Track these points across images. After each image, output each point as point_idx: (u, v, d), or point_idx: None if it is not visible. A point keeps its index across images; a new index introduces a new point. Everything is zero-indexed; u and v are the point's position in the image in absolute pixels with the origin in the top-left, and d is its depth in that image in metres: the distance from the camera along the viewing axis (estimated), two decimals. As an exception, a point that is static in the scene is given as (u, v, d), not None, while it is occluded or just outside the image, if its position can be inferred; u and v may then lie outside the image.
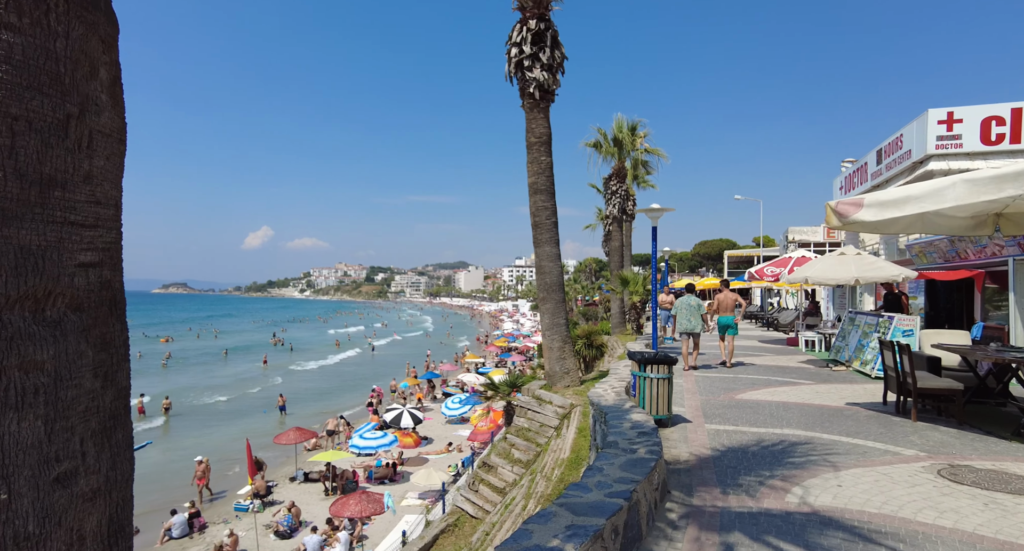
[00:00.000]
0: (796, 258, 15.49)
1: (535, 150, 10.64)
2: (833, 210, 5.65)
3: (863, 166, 15.85)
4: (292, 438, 19.94)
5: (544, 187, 10.63)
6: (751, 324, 27.42)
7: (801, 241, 31.80)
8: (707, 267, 74.80)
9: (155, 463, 21.63)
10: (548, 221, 10.67)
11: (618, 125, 25.32)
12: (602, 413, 5.34)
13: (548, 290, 10.66)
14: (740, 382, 9.20)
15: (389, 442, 20.13)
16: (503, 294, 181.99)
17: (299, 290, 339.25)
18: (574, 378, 10.45)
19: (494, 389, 13.11)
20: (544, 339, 10.71)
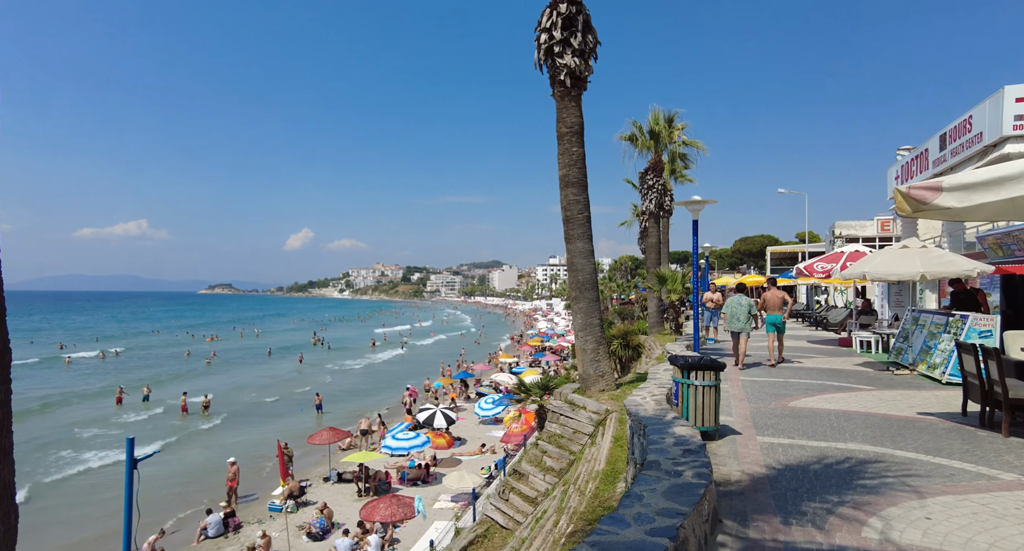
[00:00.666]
0: (849, 253, 14.43)
1: (566, 141, 10.09)
2: (906, 196, 4.93)
3: (923, 153, 14.66)
4: (326, 438, 19.93)
5: (576, 180, 10.07)
6: (797, 323, 26.10)
7: (849, 236, 30.20)
8: (748, 264, 72.41)
9: (193, 462, 22.02)
10: (580, 215, 10.11)
11: (654, 117, 24.43)
12: (641, 425, 4.78)
13: (581, 288, 10.10)
14: (792, 387, 8.44)
15: (421, 443, 19.90)
16: (537, 293, 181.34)
17: (338, 290, 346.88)
18: (609, 382, 9.86)
19: (525, 391, 12.60)
20: (577, 340, 10.15)
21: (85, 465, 21.60)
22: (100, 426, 27.49)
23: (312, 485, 19.58)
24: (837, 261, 14.38)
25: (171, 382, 39.23)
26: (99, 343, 65.03)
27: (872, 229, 29.31)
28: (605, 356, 10.04)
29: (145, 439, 24.67)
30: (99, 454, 22.81)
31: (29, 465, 20.94)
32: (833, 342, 15.45)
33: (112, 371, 44.15)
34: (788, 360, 11.90)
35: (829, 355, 12.67)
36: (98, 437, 25.72)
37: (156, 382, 37.84)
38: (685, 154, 27.18)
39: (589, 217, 10.30)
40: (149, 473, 20.06)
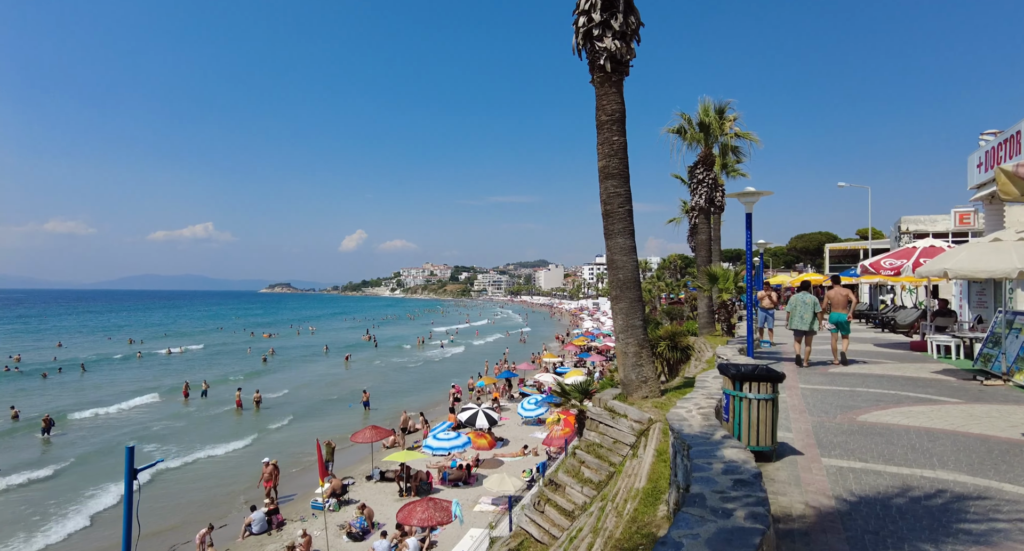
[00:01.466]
0: (923, 248, 13.08)
1: (606, 130, 9.44)
2: (1012, 175, 4.10)
3: (1015, 135, 13.10)
4: (368, 436, 19.97)
5: (617, 171, 9.41)
6: (861, 324, 24.32)
7: (917, 232, 27.92)
8: (805, 263, 68.92)
9: (242, 458, 22.54)
10: (621, 209, 9.44)
11: (704, 108, 23.25)
12: (685, 446, 4.17)
13: (622, 287, 9.43)
14: (860, 397, 7.52)
15: (462, 444, 19.62)
16: (583, 292, 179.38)
17: (390, 289, 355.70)
18: (653, 388, 9.15)
19: (564, 394, 12.03)
20: (618, 343, 9.49)
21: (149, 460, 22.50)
22: (169, 419, 28.76)
23: (355, 483, 19.65)
24: (909, 257, 13.05)
25: (231, 378, 40.72)
26: (167, 339, 68.67)
27: (945, 224, 27.00)
28: (648, 360, 9.34)
29: (205, 434, 25.64)
30: (160, 447, 23.73)
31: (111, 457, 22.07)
32: (903, 346, 14.10)
33: (178, 367, 46.28)
34: (853, 361, 11.49)
35: (900, 360, 11.48)
36: (165, 429, 26.91)
37: (216, 378, 39.42)
38: (737, 147, 25.79)
39: (631, 211, 9.62)
40: (200, 469, 20.78)
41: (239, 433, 25.93)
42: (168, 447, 23.63)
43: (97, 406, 30.58)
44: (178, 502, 17.81)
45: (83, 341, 66.06)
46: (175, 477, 20.18)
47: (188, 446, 23.64)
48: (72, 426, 26.98)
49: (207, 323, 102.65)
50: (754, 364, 5.04)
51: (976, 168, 15.68)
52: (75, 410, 29.53)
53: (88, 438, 24.98)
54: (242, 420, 28.92)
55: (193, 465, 21.56)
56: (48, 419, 25.35)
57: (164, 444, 24.06)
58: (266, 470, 17.13)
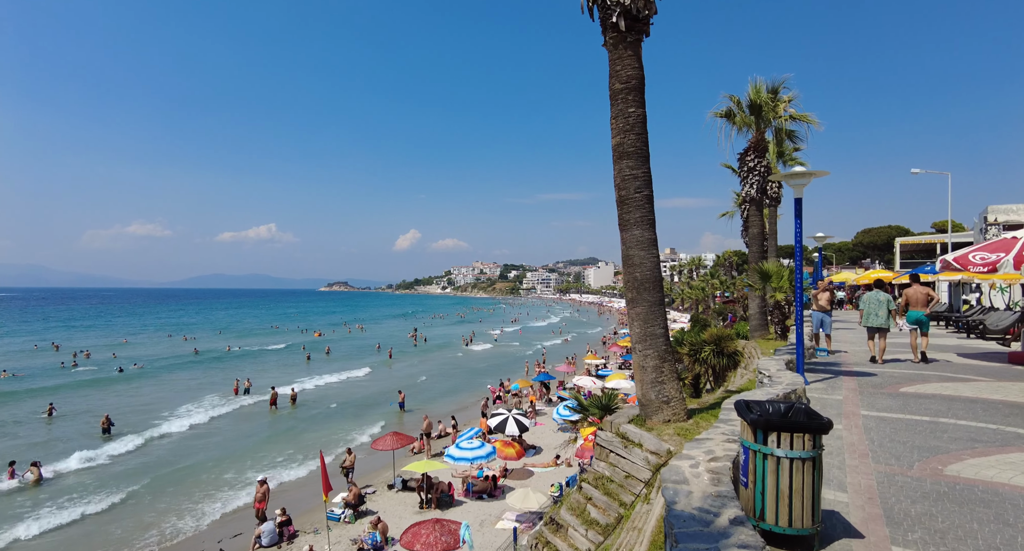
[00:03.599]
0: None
1: (621, 100, 7.92)
2: None
3: None
4: (389, 444, 19.08)
5: (634, 149, 7.87)
6: (939, 328, 21.45)
7: (1009, 223, 24.48)
8: (872, 258, 63.82)
9: (270, 460, 22.19)
10: (639, 195, 7.89)
11: (755, 89, 20.99)
12: (672, 530, 2.72)
13: (639, 288, 7.89)
14: (947, 433, 5.71)
15: (486, 454, 18.36)
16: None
17: (441, 287, 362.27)
18: (677, 410, 7.56)
19: (582, 410, 10.56)
20: (635, 356, 7.95)
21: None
22: (208, 409, 29.12)
23: (376, 492, 18.81)
24: (1008, 250, 10.72)
25: (275, 374, 41.27)
26: (221, 336, 71.24)
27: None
28: (671, 377, 7.75)
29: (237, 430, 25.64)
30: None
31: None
32: (997, 357, 11.75)
33: (229, 364, 47.45)
34: (934, 360, 11.39)
35: (997, 377, 9.33)
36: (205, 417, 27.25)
37: (260, 375, 40.04)
38: (793, 131, 23.25)
39: (650, 197, 8.05)
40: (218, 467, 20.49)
41: (265, 433, 25.79)
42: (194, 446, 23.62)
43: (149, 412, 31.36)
44: (191, 507, 17.43)
45: (146, 340, 69.31)
46: (189, 476, 19.97)
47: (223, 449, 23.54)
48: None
49: (264, 320, 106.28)
50: (788, 403, 3.48)
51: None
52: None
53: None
54: (275, 419, 28.82)
55: (216, 465, 21.31)
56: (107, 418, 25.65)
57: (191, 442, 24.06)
58: (259, 490, 16.06)
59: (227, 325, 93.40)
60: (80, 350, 52.35)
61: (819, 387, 8.44)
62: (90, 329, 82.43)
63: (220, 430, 26.52)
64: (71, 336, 70.26)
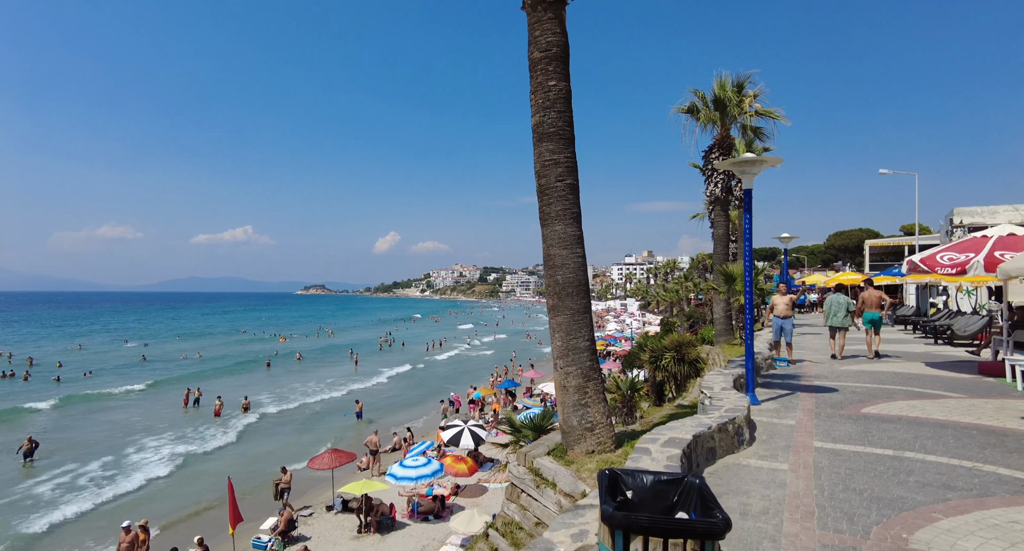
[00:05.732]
0: (998, 237, 9.84)
1: (540, 72, 6.73)
2: None
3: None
4: (328, 462, 17.59)
5: (555, 129, 6.69)
6: (907, 332, 20.71)
7: (973, 225, 24.05)
8: (844, 261, 64.12)
9: (206, 474, 20.49)
10: (560, 183, 6.71)
11: (720, 84, 20.05)
12: None
13: (560, 293, 6.70)
14: (914, 473, 4.60)
15: (432, 472, 16.99)
16: (611, 293, 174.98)
17: (420, 290, 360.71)
18: (603, 437, 6.37)
19: (514, 432, 9.32)
20: (556, 373, 6.74)
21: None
22: (152, 430, 27.09)
23: (314, 514, 17.30)
24: (978, 250, 9.82)
25: (233, 382, 39.32)
26: (180, 342, 68.46)
27: (1008, 215, 23.04)
28: (597, 399, 6.54)
29: (173, 445, 23.69)
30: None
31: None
32: (967, 367, 10.84)
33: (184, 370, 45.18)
34: (886, 356, 12.75)
35: (968, 392, 8.34)
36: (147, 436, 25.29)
37: (215, 383, 38.06)
38: (759, 128, 22.42)
39: (575, 187, 6.85)
40: (148, 490, 18.52)
41: (206, 443, 24.03)
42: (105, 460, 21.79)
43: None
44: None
45: (103, 345, 66.24)
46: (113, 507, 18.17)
47: (131, 462, 21.70)
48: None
49: (233, 324, 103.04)
50: (677, 477, 2.25)
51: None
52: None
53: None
54: (215, 429, 27.00)
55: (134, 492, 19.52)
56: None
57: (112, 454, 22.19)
58: (125, 539, 12.92)
59: (192, 329, 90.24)
60: (24, 356, 49.54)
61: (770, 408, 7.34)
62: (44, 335, 78.69)
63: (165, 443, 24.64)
64: (22, 342, 66.82)
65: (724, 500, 4.05)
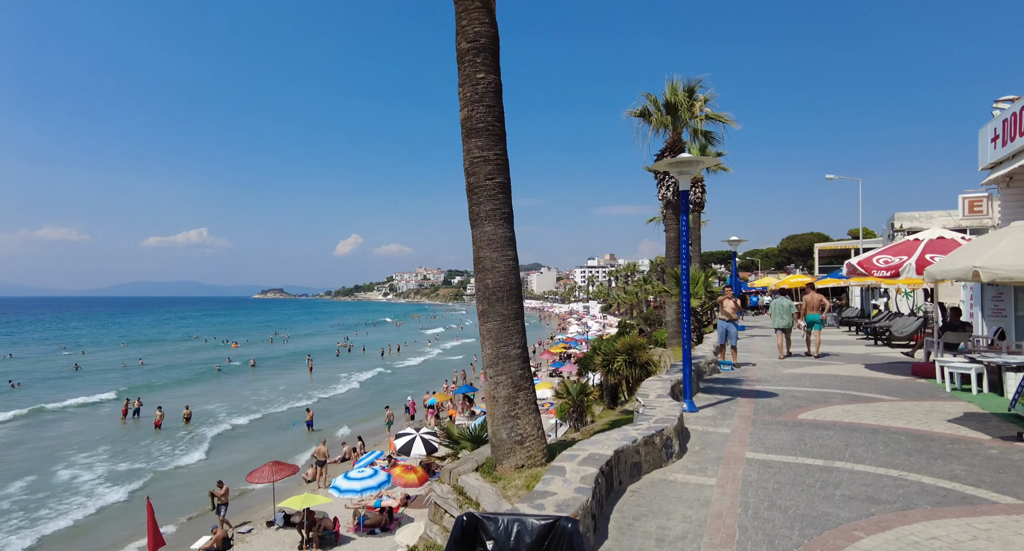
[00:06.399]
0: (929, 241, 10.04)
1: (468, 63, 6.38)
2: None
3: (1043, 95, 10.10)
4: (267, 475, 16.68)
5: (484, 124, 6.34)
6: (851, 334, 21.25)
7: (912, 229, 25.03)
8: (796, 264, 66.24)
9: (138, 497, 19.20)
10: (490, 181, 6.36)
11: (671, 88, 20.19)
12: None
13: (490, 298, 6.35)
14: (841, 486, 4.43)
15: (378, 484, 16.31)
16: (575, 295, 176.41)
17: (383, 294, 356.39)
18: (533, 451, 6.04)
19: (452, 444, 8.90)
20: (486, 383, 6.39)
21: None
22: (87, 443, 25.34)
23: (253, 530, 16.40)
24: (910, 253, 9.99)
25: (178, 391, 37.50)
26: (125, 349, 65.11)
27: (943, 220, 24.03)
28: (528, 409, 6.20)
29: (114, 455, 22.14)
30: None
31: None
32: (901, 368, 11.02)
33: (128, 378, 42.86)
34: (824, 354, 13.61)
35: (901, 393, 8.40)
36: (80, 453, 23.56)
37: (163, 392, 36.26)
38: (710, 132, 22.71)
39: (506, 185, 6.52)
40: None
41: (142, 460, 22.66)
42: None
43: None
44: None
45: (35, 351, 62.39)
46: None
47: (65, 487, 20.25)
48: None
49: (184, 330, 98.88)
50: (549, 521, 1.90)
51: (990, 143, 12.68)
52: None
53: None
54: (158, 443, 25.57)
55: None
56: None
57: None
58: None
59: (139, 336, 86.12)
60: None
61: (707, 416, 7.16)
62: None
63: (99, 459, 23.09)
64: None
65: (643, 523, 3.76)
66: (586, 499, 3.31)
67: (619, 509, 3.99)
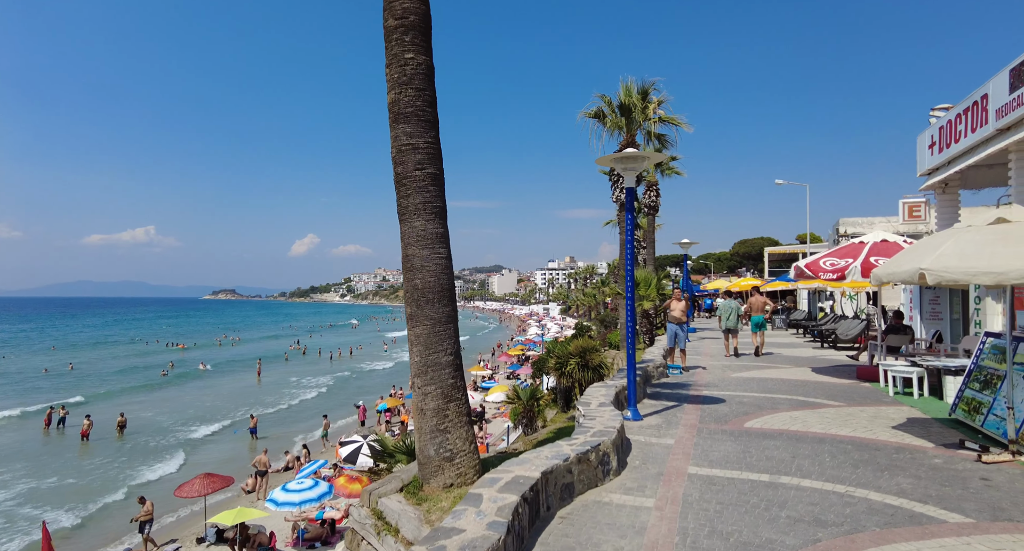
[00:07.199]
0: (873, 243, 10.06)
1: (396, 42, 5.82)
2: None
3: (978, 102, 10.26)
4: (198, 489, 15.59)
5: (413, 109, 5.79)
6: (798, 336, 21.62)
7: (855, 234, 25.82)
8: (747, 267, 68.10)
9: (58, 502, 17.61)
10: (419, 172, 5.81)
11: (626, 89, 20.08)
12: None
13: (419, 300, 5.80)
14: (787, 506, 4.10)
15: (318, 495, 15.44)
16: (535, 297, 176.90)
17: (340, 295, 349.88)
18: (464, 468, 5.51)
19: (385, 457, 8.29)
20: (414, 394, 5.83)
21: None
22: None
23: (181, 548, 15.28)
24: (856, 256, 9.99)
25: (118, 398, 35.17)
26: (55, 353, 61.01)
27: (884, 226, 24.86)
28: (459, 423, 5.67)
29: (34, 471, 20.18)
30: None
31: None
32: (847, 371, 11.05)
33: (58, 385, 39.97)
34: (767, 353, 14.28)
35: (847, 399, 8.30)
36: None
37: (104, 398, 33.92)
38: (663, 135, 22.75)
39: (438, 177, 5.97)
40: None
41: (70, 474, 20.93)
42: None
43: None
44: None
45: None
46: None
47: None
48: None
49: (125, 333, 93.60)
50: None
51: (927, 150, 12.93)
52: None
53: None
54: (84, 455, 23.74)
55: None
56: None
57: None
58: None
59: (76, 339, 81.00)
60: None
61: (652, 424, 6.80)
62: None
63: (16, 475, 21.16)
64: None
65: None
66: (498, 538, 2.82)
67: (543, 542, 3.51)
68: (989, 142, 9.79)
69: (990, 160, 10.21)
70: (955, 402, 6.82)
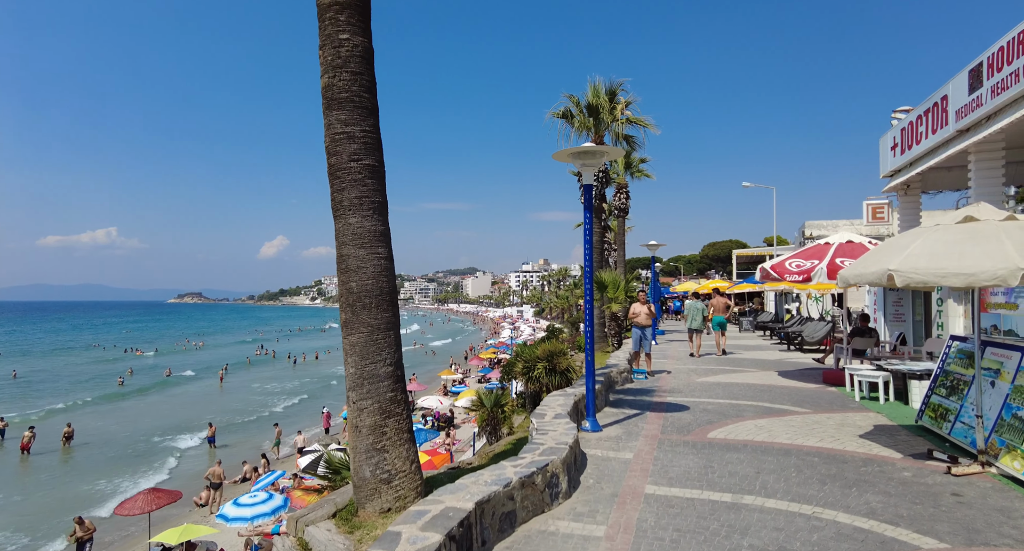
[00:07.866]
0: (839, 244, 9.90)
1: (330, 21, 5.29)
2: None
3: (938, 104, 10.21)
4: (141, 505, 14.60)
5: (348, 94, 5.26)
6: (765, 338, 21.64)
7: (820, 237, 26.14)
8: (716, 269, 69.00)
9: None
10: (355, 163, 5.28)
11: (594, 90, 19.84)
12: None
13: (354, 305, 5.27)
14: (749, 532, 3.72)
15: (272, 509, 14.68)
16: (509, 300, 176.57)
17: (310, 298, 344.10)
18: (403, 491, 5.01)
19: (332, 474, 7.73)
20: (350, 408, 5.31)
21: None
22: None
23: (123, 569, 14.33)
24: (821, 257, 9.81)
25: (69, 408, 33.38)
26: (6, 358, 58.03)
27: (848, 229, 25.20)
28: (398, 441, 5.15)
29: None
30: None
31: None
32: (813, 375, 10.88)
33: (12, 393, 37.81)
34: (730, 353, 14.95)
35: (813, 406, 8.05)
36: None
37: (52, 409, 32.14)
38: (631, 136, 22.57)
39: (377, 169, 5.44)
40: None
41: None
42: None
43: None
44: None
45: None
46: None
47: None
48: None
49: (83, 339, 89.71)
50: None
51: (889, 152, 12.92)
52: None
53: None
54: (25, 470, 22.31)
55: None
56: None
57: None
58: None
59: (25, 345, 77.22)
60: None
61: (612, 435, 6.40)
62: None
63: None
64: None
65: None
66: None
67: (473, 584, 3.04)
68: (949, 143, 9.73)
69: (950, 162, 10.17)
70: (921, 408, 6.60)
